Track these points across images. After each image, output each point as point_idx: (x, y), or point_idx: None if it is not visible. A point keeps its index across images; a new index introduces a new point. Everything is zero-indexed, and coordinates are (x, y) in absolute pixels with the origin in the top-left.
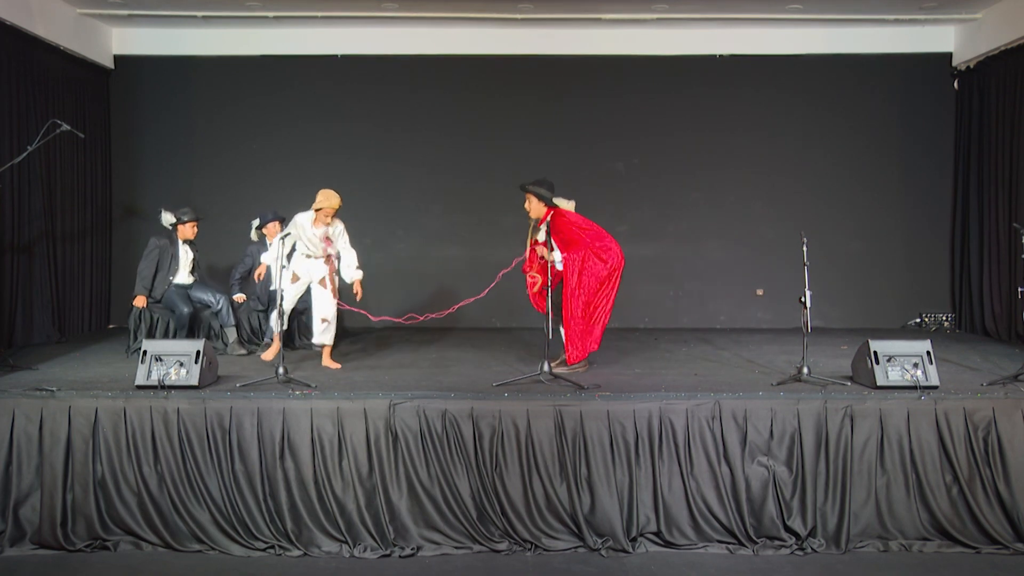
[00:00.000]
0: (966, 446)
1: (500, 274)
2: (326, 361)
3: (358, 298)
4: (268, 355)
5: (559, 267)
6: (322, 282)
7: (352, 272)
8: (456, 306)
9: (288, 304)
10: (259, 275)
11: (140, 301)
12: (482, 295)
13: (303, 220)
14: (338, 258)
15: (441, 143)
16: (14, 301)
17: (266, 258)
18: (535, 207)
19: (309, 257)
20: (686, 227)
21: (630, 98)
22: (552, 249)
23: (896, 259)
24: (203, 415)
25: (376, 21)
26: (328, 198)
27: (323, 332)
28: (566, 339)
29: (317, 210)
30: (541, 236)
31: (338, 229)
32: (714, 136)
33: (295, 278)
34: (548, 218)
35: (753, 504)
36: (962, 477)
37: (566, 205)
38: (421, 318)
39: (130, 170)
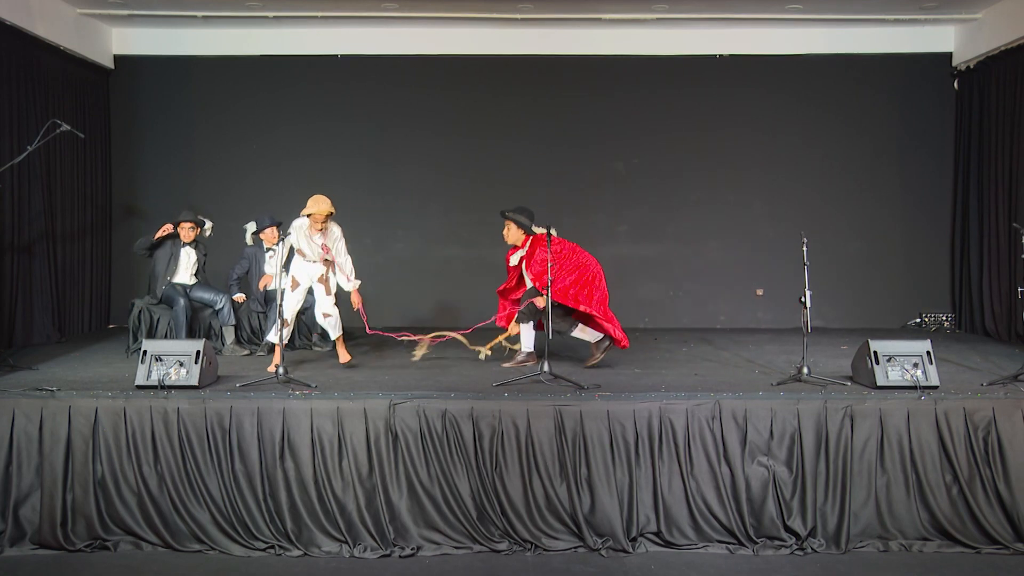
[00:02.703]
0: (966, 446)
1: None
2: (341, 353)
3: (355, 308)
4: (272, 367)
5: (540, 302)
6: (321, 279)
7: (347, 283)
8: (444, 336)
9: (290, 312)
10: (263, 285)
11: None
12: (466, 331)
13: (299, 227)
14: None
15: (441, 143)
16: (14, 301)
17: (268, 269)
18: (513, 234)
19: (308, 262)
20: (686, 227)
21: (630, 98)
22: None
23: (896, 259)
24: (203, 415)
25: (376, 21)
26: (316, 203)
27: (330, 327)
28: (604, 328)
29: (308, 215)
30: (514, 260)
31: (334, 236)
32: (714, 136)
33: (295, 284)
34: (525, 246)
35: (753, 504)
36: (962, 477)
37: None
38: (414, 337)
39: (130, 170)
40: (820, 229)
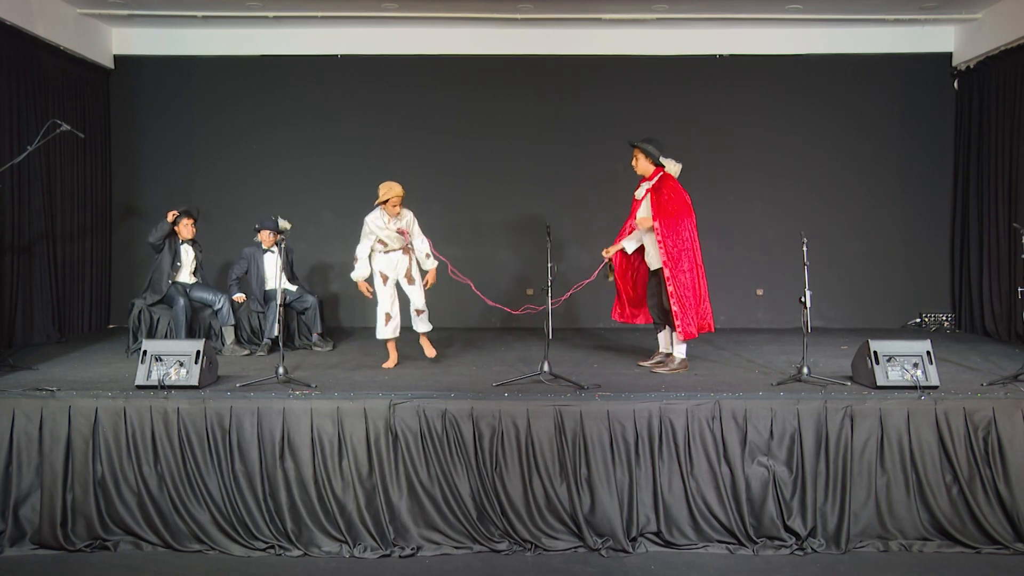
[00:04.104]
0: (966, 446)
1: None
2: (427, 348)
3: (427, 287)
4: (390, 363)
5: (642, 224)
6: (407, 276)
7: (426, 262)
8: (568, 292)
9: (390, 307)
10: (367, 291)
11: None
12: (590, 279)
13: (373, 219)
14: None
15: (441, 143)
16: (14, 301)
17: (268, 269)
18: (642, 165)
19: (388, 253)
20: None
21: (630, 98)
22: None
23: (896, 259)
24: (203, 415)
25: (376, 21)
26: (390, 188)
27: (420, 322)
28: (675, 315)
29: (383, 203)
30: (640, 193)
31: (408, 218)
32: (714, 136)
33: (384, 279)
34: (655, 179)
35: (753, 504)
36: (962, 477)
37: (673, 168)
38: (539, 308)
39: (130, 170)
40: (820, 229)
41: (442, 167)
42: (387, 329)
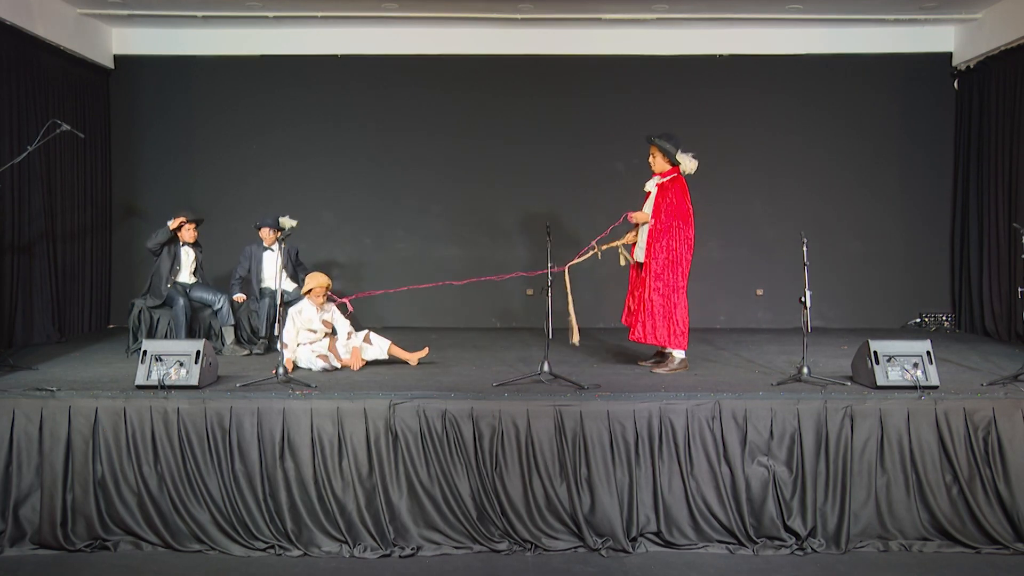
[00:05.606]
0: (966, 446)
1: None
2: (405, 357)
3: (353, 368)
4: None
5: (640, 219)
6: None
7: (348, 343)
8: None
9: (292, 341)
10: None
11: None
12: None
13: (300, 312)
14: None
15: (441, 143)
16: (14, 301)
17: (267, 268)
18: (658, 162)
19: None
20: None
21: (630, 98)
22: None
23: (896, 259)
24: (203, 415)
25: (376, 21)
26: (315, 279)
27: (375, 355)
28: (645, 316)
29: (307, 292)
30: (650, 185)
31: (331, 309)
32: (714, 136)
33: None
34: (667, 178)
35: (753, 504)
36: (962, 477)
37: (689, 164)
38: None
39: (130, 170)
40: (820, 229)
41: (442, 167)
42: (284, 352)
